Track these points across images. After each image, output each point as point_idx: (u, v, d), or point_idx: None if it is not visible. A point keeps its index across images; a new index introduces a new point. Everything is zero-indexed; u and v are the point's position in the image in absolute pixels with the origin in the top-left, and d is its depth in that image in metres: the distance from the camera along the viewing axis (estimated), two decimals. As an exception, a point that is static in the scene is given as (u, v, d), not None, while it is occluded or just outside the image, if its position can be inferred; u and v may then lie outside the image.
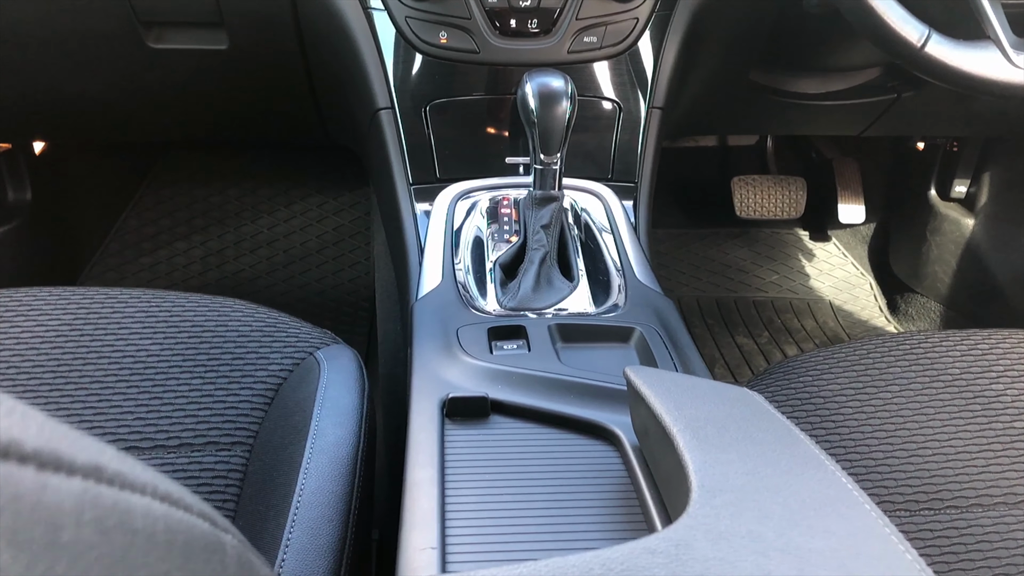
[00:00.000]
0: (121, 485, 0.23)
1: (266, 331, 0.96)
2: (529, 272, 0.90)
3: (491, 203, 1.04)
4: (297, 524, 0.70)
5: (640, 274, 0.94)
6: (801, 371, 0.99)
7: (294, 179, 2.05)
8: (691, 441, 0.50)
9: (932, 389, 0.94)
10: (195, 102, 1.40)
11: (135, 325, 0.96)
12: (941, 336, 1.01)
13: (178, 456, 0.83)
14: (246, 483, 0.81)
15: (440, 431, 0.66)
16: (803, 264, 2.06)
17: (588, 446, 0.67)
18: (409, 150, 1.09)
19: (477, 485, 0.61)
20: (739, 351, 1.77)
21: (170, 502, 0.25)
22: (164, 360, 0.92)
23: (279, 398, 0.89)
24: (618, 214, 1.04)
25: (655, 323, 0.84)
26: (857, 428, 0.90)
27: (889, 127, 1.57)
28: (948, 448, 0.88)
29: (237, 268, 1.91)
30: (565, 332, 0.82)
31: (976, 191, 1.75)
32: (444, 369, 0.75)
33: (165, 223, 1.97)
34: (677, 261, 2.04)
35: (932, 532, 0.81)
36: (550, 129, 0.92)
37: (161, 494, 0.25)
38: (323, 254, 1.96)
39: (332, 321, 1.80)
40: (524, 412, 0.70)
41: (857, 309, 1.95)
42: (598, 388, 0.71)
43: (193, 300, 1.00)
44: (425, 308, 0.86)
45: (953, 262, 1.76)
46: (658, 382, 0.60)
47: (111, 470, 0.23)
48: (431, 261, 0.95)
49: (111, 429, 0.84)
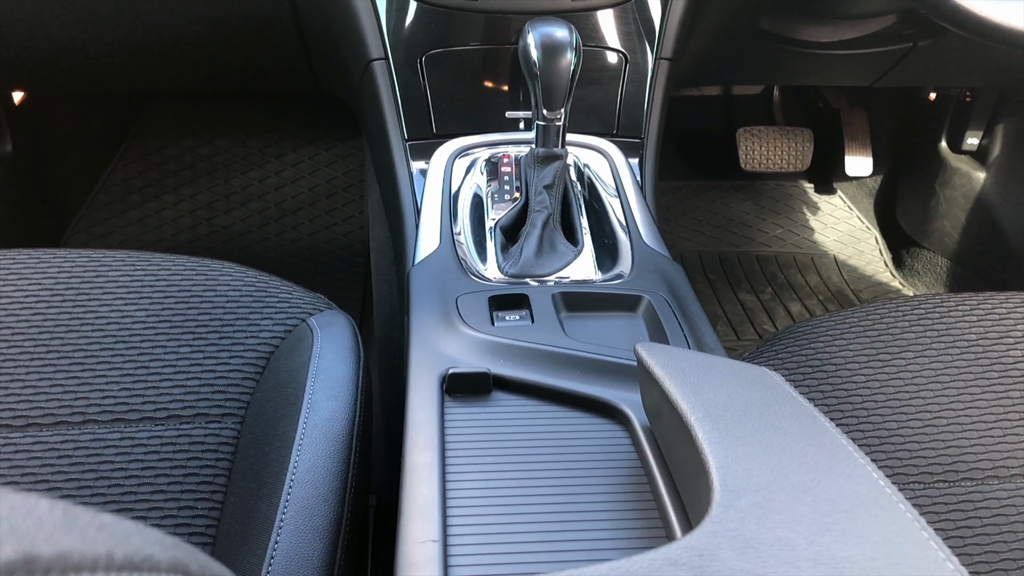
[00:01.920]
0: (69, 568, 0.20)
1: (256, 296, 0.92)
2: (531, 236, 0.85)
3: (491, 160, 0.99)
4: (291, 504, 0.67)
5: (647, 237, 0.90)
6: (811, 336, 0.95)
7: (285, 130, 1.98)
8: (711, 432, 0.47)
9: (947, 356, 0.91)
10: (179, 51, 1.33)
11: (119, 290, 0.91)
12: (957, 300, 0.98)
13: (166, 428, 0.80)
14: (238, 456, 0.78)
15: (440, 409, 0.63)
16: (808, 218, 2.01)
17: (595, 425, 0.63)
18: (404, 104, 1.04)
19: (479, 469, 0.58)
20: (742, 308, 1.73)
21: (131, 569, 0.22)
22: (150, 327, 0.88)
23: (271, 367, 0.85)
24: (624, 172, 0.99)
25: (664, 291, 0.80)
26: (869, 397, 0.87)
27: (902, 77, 1.51)
28: (963, 418, 0.85)
29: (228, 221, 1.86)
30: (570, 301, 0.78)
31: (989, 143, 1.70)
32: (443, 342, 0.71)
33: (153, 175, 1.91)
34: (679, 215, 1.99)
35: (946, 505, 0.79)
36: (553, 83, 0.86)
37: (119, 563, 0.21)
38: (316, 207, 1.91)
39: (326, 277, 1.76)
40: (528, 388, 0.66)
41: (862, 264, 1.92)
42: (606, 363, 0.67)
43: (180, 263, 0.96)
44: (422, 275, 0.82)
45: (962, 217, 1.72)
46: (672, 361, 0.56)
47: (46, 557, 0.19)
48: (428, 223, 0.90)
49: (95, 400, 0.81)
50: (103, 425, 0.79)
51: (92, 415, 0.80)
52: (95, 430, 0.79)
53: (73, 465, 0.76)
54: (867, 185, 2.03)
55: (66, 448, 0.77)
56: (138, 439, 0.79)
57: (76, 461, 0.77)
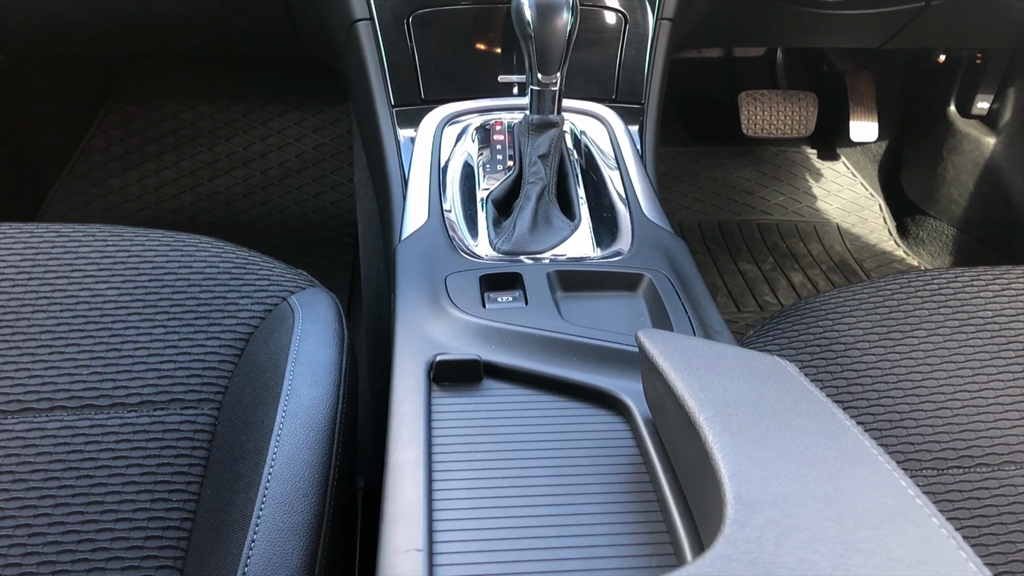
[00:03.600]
0: None
1: (234, 273, 0.87)
2: (525, 210, 0.80)
3: (482, 128, 0.93)
4: (268, 499, 0.63)
5: (648, 210, 0.85)
6: (819, 314, 0.91)
7: (270, 94, 1.91)
8: (721, 434, 0.42)
9: (962, 334, 0.87)
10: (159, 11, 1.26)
11: (90, 267, 0.86)
12: (972, 274, 0.93)
13: (139, 415, 0.75)
14: (214, 445, 0.74)
15: (426, 400, 0.59)
16: (810, 185, 1.96)
17: (594, 416, 0.59)
18: (390, 67, 0.98)
19: (468, 467, 0.54)
20: (742, 278, 1.69)
21: None
22: (123, 307, 0.83)
23: (249, 349, 0.81)
24: (623, 140, 0.94)
25: (666, 268, 0.75)
26: (880, 378, 0.83)
27: (913, 38, 1.44)
28: (978, 400, 0.81)
29: (212, 190, 1.80)
30: (566, 280, 0.73)
31: (1000, 108, 1.64)
32: (431, 326, 0.66)
33: (134, 142, 1.84)
34: (678, 182, 1.94)
35: (961, 493, 0.75)
36: (549, 45, 0.81)
37: None
38: (303, 175, 1.85)
39: (314, 248, 1.71)
40: (521, 376, 0.62)
41: (865, 232, 1.87)
42: (605, 349, 0.63)
43: (154, 237, 0.91)
44: (409, 251, 0.77)
45: (970, 183, 1.67)
46: (677, 350, 0.52)
47: None
48: (416, 196, 0.85)
49: (64, 385, 0.76)
50: (72, 412, 0.75)
51: (60, 401, 0.75)
52: (63, 417, 0.74)
53: (40, 455, 0.72)
54: (871, 151, 1.97)
55: (32, 437, 0.73)
56: (109, 426, 0.74)
57: (43, 451, 0.72)
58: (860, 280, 1.72)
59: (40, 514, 0.68)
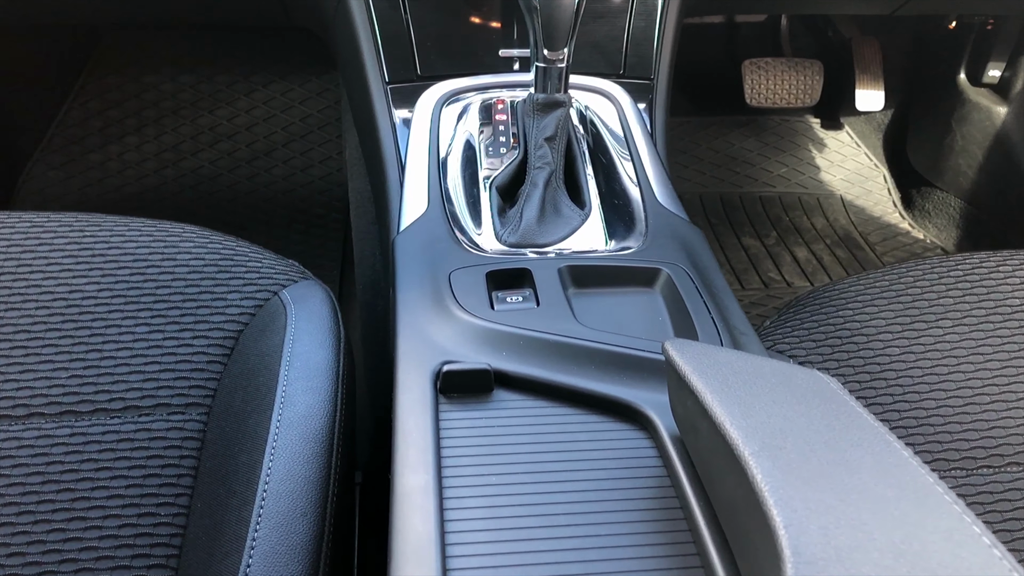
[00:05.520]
0: None
1: (222, 265, 0.82)
2: (533, 198, 0.75)
3: (484, 107, 0.87)
4: (264, 519, 0.58)
5: (661, 196, 0.80)
6: (839, 303, 0.87)
7: (254, 64, 1.83)
8: (772, 473, 0.38)
9: (988, 324, 0.83)
10: None
11: (67, 260, 0.81)
12: (998, 259, 0.89)
13: (123, 422, 0.70)
14: (204, 454, 0.70)
15: (434, 415, 0.54)
16: (813, 155, 1.90)
17: (614, 431, 0.55)
18: (383, 41, 0.92)
19: (482, 493, 0.49)
20: (745, 254, 1.64)
21: None
22: (103, 304, 0.78)
23: (239, 349, 0.76)
24: (632, 120, 0.88)
25: (683, 261, 0.71)
26: (905, 372, 0.79)
27: (926, 4, 1.38)
28: (1008, 395, 0.78)
29: (196, 164, 1.73)
30: (578, 276, 0.68)
31: (1011, 76, 1.58)
32: (435, 329, 0.61)
33: (113, 115, 1.76)
34: (678, 153, 1.88)
35: (992, 495, 0.72)
36: (555, 18, 0.75)
37: None
38: (290, 148, 1.78)
39: (303, 225, 1.65)
40: (534, 386, 0.57)
41: (870, 205, 1.82)
42: (624, 356, 0.58)
43: (134, 227, 0.85)
44: (409, 244, 0.72)
45: (980, 154, 1.62)
46: (711, 367, 0.47)
47: None
48: (414, 182, 0.79)
49: (41, 390, 0.71)
50: (50, 419, 0.70)
51: (37, 407, 0.70)
52: (41, 425, 0.70)
53: (16, 467, 0.67)
54: (875, 120, 1.92)
55: (8, 447, 0.68)
56: (91, 435, 0.69)
57: (19, 462, 0.67)
58: (864, 254, 1.67)
59: (18, 532, 0.64)
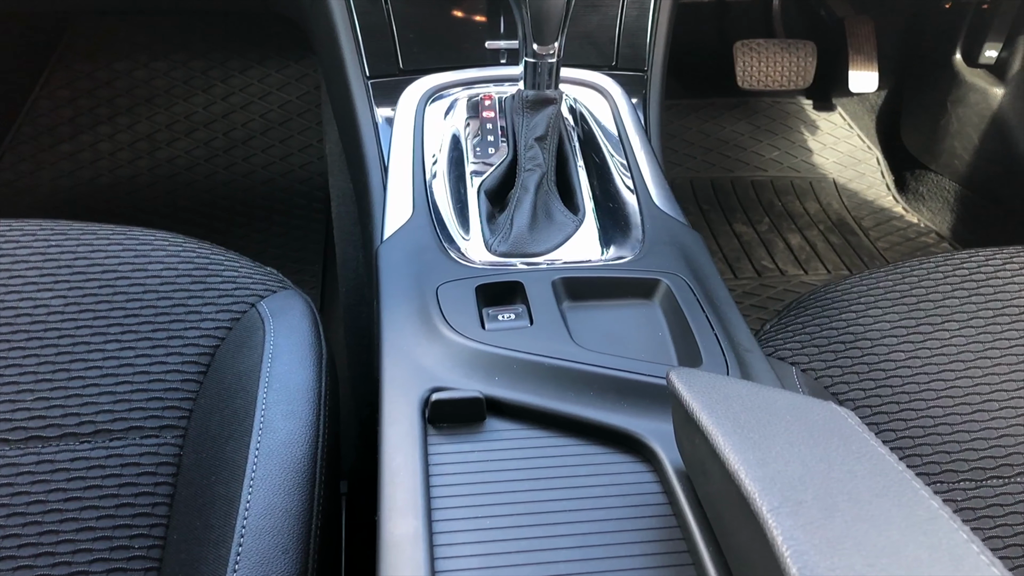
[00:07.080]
0: None
1: (196, 276, 0.77)
2: (524, 203, 0.71)
3: (471, 104, 0.83)
4: (244, 557, 0.55)
5: (658, 198, 0.76)
6: (841, 305, 0.84)
7: (230, 50, 1.77)
8: (794, 533, 0.35)
9: (996, 326, 0.80)
10: None
11: (30, 272, 0.76)
12: (1004, 257, 0.86)
13: (93, 447, 0.67)
14: (180, 480, 0.66)
15: (422, 450, 0.51)
16: (806, 138, 1.87)
17: (615, 464, 0.51)
18: (363, 33, 0.87)
19: (476, 537, 0.46)
20: (738, 241, 1.61)
21: None
22: (70, 319, 0.73)
23: (215, 366, 0.72)
24: (626, 116, 0.84)
25: (683, 270, 0.67)
26: (911, 378, 0.77)
27: None
28: (1017, 401, 0.75)
29: (171, 154, 1.68)
30: (572, 288, 0.65)
31: (1008, 56, 1.55)
32: (423, 351, 0.58)
33: (84, 104, 1.70)
34: (668, 137, 1.84)
35: (1003, 508, 0.69)
36: (545, 11, 0.70)
37: None
38: (269, 136, 1.72)
39: (283, 216, 1.60)
40: (529, 414, 0.54)
41: (863, 188, 1.79)
42: (625, 382, 0.55)
43: (103, 235, 0.80)
44: (393, 255, 0.68)
45: (975, 136, 1.59)
46: (721, 403, 0.44)
47: None
48: (397, 186, 0.75)
49: (5, 414, 0.67)
50: (14, 445, 0.66)
51: (1, 433, 0.66)
52: (5, 452, 0.66)
53: (-21, 499, 0.63)
54: (868, 101, 1.88)
55: (-30, 477, 0.64)
56: (59, 462, 0.66)
57: (-18, 493, 0.64)
58: (858, 240, 1.64)
59: (-18, 570, 0.60)
